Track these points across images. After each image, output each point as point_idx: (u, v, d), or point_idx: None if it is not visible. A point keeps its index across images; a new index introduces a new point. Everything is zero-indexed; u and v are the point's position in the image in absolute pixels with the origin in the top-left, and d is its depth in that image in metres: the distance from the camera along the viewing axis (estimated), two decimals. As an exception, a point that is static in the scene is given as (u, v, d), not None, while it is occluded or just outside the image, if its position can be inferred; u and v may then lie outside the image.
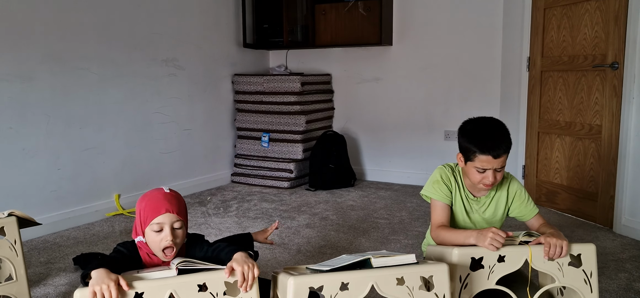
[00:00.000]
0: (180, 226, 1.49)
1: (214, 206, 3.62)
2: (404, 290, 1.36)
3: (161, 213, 1.46)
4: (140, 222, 1.49)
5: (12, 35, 2.79)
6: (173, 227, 1.47)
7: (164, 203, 1.47)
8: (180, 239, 1.49)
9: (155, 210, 1.46)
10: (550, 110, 3.43)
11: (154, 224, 1.46)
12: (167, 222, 1.46)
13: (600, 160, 3.08)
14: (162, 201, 1.48)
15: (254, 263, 1.37)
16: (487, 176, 1.71)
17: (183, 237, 1.51)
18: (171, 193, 1.52)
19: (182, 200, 1.54)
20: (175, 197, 1.52)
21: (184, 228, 1.51)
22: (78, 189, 3.18)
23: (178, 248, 1.49)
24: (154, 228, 1.46)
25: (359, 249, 2.73)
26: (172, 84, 3.80)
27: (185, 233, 1.53)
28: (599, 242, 2.78)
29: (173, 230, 1.47)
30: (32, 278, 2.35)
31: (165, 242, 1.45)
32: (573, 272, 1.55)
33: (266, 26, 4.45)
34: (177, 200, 1.51)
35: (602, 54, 3.03)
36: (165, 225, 1.46)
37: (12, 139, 2.83)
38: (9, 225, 1.85)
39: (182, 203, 1.52)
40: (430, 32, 4.11)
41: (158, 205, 1.47)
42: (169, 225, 1.46)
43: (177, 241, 1.47)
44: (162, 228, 1.46)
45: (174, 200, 1.50)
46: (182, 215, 1.50)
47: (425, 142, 4.24)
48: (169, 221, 1.46)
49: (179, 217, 1.48)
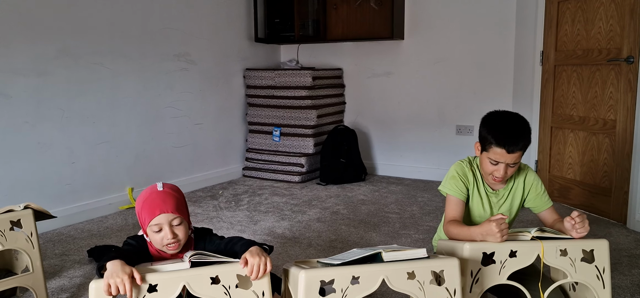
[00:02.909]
0: (178, 223, 1.49)
1: (225, 200, 3.64)
2: (414, 285, 1.36)
3: (156, 215, 1.47)
4: (141, 222, 1.51)
5: (28, 31, 2.83)
6: (171, 224, 1.48)
7: (158, 204, 1.47)
8: (183, 234, 1.50)
9: (151, 213, 1.47)
10: (563, 104, 3.40)
11: (153, 226, 1.48)
12: (165, 222, 1.47)
13: (615, 155, 3.05)
14: (156, 202, 1.48)
15: (267, 256, 1.38)
16: (499, 169, 1.71)
17: (185, 231, 1.52)
18: (165, 192, 1.51)
19: (178, 195, 1.53)
20: (170, 194, 1.51)
21: (183, 224, 1.51)
22: (92, 183, 3.22)
23: (183, 242, 1.51)
24: (153, 229, 1.48)
25: (370, 243, 2.73)
26: (184, 78, 3.82)
27: (187, 226, 1.54)
28: (613, 238, 2.76)
29: (172, 227, 1.48)
30: (48, 270, 2.39)
31: (167, 240, 1.47)
32: (585, 268, 1.54)
33: (277, 21, 4.45)
34: (172, 198, 1.50)
35: (617, 48, 2.99)
36: (164, 225, 1.47)
37: (27, 132, 2.87)
38: (26, 217, 1.88)
39: (177, 199, 1.51)
40: (442, 26, 4.08)
41: (153, 207, 1.47)
42: (167, 224, 1.47)
43: (178, 237, 1.49)
44: (160, 228, 1.48)
45: (168, 199, 1.49)
46: (180, 211, 1.50)
47: (437, 136, 4.22)
48: (166, 220, 1.47)
49: (176, 214, 1.48)
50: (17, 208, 1.90)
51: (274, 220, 3.14)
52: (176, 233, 1.48)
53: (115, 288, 1.23)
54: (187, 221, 1.54)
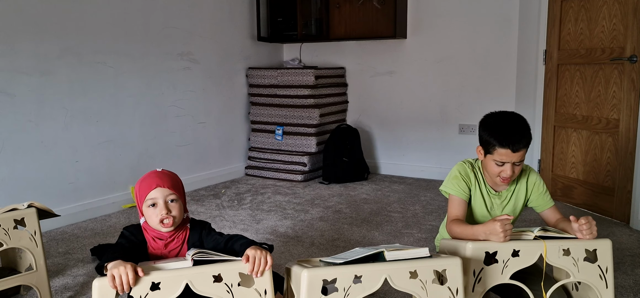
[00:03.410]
0: (173, 199, 1.54)
1: (228, 199, 3.65)
2: (417, 284, 1.37)
3: (152, 189, 1.52)
4: (138, 203, 1.56)
5: (31, 30, 2.84)
6: (167, 201, 1.53)
7: (154, 179, 1.54)
8: (177, 212, 1.54)
9: (148, 187, 1.53)
10: (566, 103, 3.39)
11: (148, 200, 1.53)
12: (160, 196, 1.52)
13: (618, 154, 3.04)
14: (153, 178, 1.55)
15: (268, 252, 1.39)
16: (505, 169, 1.71)
17: (180, 211, 1.55)
18: (163, 171, 1.59)
19: (175, 177, 1.60)
20: (167, 174, 1.58)
21: (179, 202, 1.55)
22: (95, 181, 3.23)
23: (177, 221, 1.54)
24: (148, 204, 1.53)
25: (372, 243, 2.73)
26: (187, 77, 3.83)
27: (182, 208, 1.57)
28: (615, 238, 2.75)
29: (167, 204, 1.53)
30: (51, 268, 2.39)
31: (161, 214, 1.51)
32: (588, 267, 1.53)
33: (280, 19, 4.45)
34: (169, 177, 1.57)
35: (621, 47, 2.98)
36: (159, 200, 1.52)
37: (31, 131, 2.88)
38: (29, 216, 1.89)
39: (174, 179, 1.58)
40: (445, 25, 4.08)
41: (150, 182, 1.54)
42: (162, 199, 1.52)
43: (173, 214, 1.52)
44: (155, 203, 1.52)
45: (165, 177, 1.56)
46: (176, 190, 1.55)
47: (440, 135, 4.22)
48: (162, 195, 1.52)
49: (172, 191, 1.54)
50: (20, 206, 1.90)
51: (277, 219, 3.14)
52: (170, 209, 1.52)
53: (119, 278, 1.26)
54: (183, 203, 1.58)
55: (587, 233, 1.53)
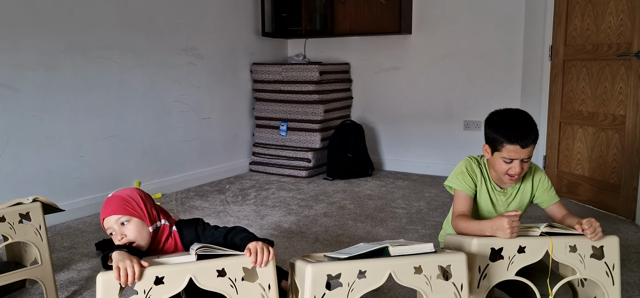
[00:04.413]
0: (124, 222, 1.53)
1: (232, 194, 3.65)
2: (421, 279, 1.36)
3: (103, 219, 1.55)
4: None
5: (36, 25, 2.84)
6: (120, 224, 1.53)
7: (104, 211, 1.55)
8: (132, 232, 1.52)
9: (102, 219, 1.56)
10: (572, 100, 3.37)
11: (107, 231, 1.56)
12: (112, 224, 1.53)
13: (624, 151, 3.02)
14: (103, 209, 1.56)
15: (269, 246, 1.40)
16: (514, 166, 1.70)
17: (135, 230, 1.53)
18: (110, 197, 1.57)
19: (124, 197, 1.56)
20: (115, 197, 1.56)
21: (133, 221, 1.53)
22: (100, 176, 3.24)
23: (138, 241, 1.53)
24: (108, 233, 1.56)
25: (377, 238, 2.73)
26: (191, 72, 3.83)
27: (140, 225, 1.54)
28: (621, 234, 2.73)
29: (121, 226, 1.53)
30: (56, 262, 2.40)
31: (116, 240, 1.53)
32: (595, 264, 1.52)
33: (285, 15, 4.44)
34: (116, 200, 1.55)
35: (628, 43, 2.96)
36: (113, 227, 1.54)
37: (36, 126, 2.88)
38: (34, 210, 1.89)
39: (123, 199, 1.55)
40: (450, 21, 4.06)
41: (102, 214, 1.56)
42: (115, 225, 1.53)
43: (128, 236, 1.52)
44: (112, 231, 1.54)
45: (113, 202, 1.55)
46: (124, 212, 1.53)
47: (444, 131, 4.20)
48: (113, 222, 1.53)
49: (121, 214, 1.53)
50: (25, 201, 1.91)
51: (281, 214, 3.14)
52: (125, 233, 1.52)
53: (125, 271, 1.26)
54: (142, 218, 1.55)
55: (592, 237, 1.52)
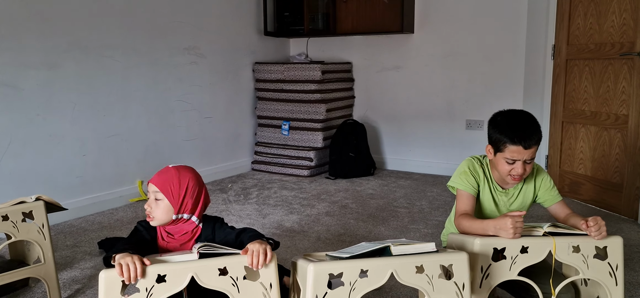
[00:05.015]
0: (157, 198, 1.55)
1: (234, 193, 3.65)
2: (423, 278, 1.36)
3: (149, 183, 1.58)
4: None
5: (39, 24, 2.85)
6: (155, 199, 1.56)
7: (154, 176, 1.58)
8: (159, 211, 1.54)
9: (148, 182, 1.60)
10: (575, 99, 3.36)
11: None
12: (150, 192, 1.57)
13: (626, 150, 3.01)
14: (155, 175, 1.59)
15: (268, 245, 1.39)
16: (516, 167, 1.70)
17: (161, 211, 1.54)
18: (167, 168, 1.60)
19: (168, 177, 1.57)
20: (163, 171, 1.59)
21: (163, 202, 1.54)
22: (102, 175, 3.25)
23: (158, 220, 1.55)
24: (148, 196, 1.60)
25: (378, 238, 2.73)
26: (193, 71, 3.83)
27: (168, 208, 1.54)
28: (624, 234, 2.73)
29: (155, 200, 1.55)
30: (59, 261, 2.41)
31: (146, 207, 1.57)
32: (598, 265, 1.52)
33: (287, 14, 4.44)
34: (164, 174, 1.58)
35: (631, 42, 2.95)
36: (149, 194, 1.57)
37: (39, 125, 2.89)
38: (37, 209, 1.90)
39: (167, 178, 1.56)
40: (453, 20, 4.05)
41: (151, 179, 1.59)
42: (152, 194, 1.56)
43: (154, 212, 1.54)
44: (149, 196, 1.58)
45: (162, 174, 1.58)
46: (161, 189, 1.54)
47: (447, 131, 4.20)
48: (151, 191, 1.57)
49: (158, 190, 1.55)
50: (28, 200, 1.91)
51: (283, 213, 3.15)
52: (152, 207, 1.55)
53: (127, 268, 1.27)
54: (173, 203, 1.55)
55: (596, 235, 1.52)
